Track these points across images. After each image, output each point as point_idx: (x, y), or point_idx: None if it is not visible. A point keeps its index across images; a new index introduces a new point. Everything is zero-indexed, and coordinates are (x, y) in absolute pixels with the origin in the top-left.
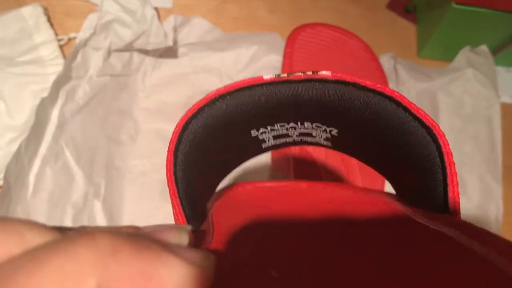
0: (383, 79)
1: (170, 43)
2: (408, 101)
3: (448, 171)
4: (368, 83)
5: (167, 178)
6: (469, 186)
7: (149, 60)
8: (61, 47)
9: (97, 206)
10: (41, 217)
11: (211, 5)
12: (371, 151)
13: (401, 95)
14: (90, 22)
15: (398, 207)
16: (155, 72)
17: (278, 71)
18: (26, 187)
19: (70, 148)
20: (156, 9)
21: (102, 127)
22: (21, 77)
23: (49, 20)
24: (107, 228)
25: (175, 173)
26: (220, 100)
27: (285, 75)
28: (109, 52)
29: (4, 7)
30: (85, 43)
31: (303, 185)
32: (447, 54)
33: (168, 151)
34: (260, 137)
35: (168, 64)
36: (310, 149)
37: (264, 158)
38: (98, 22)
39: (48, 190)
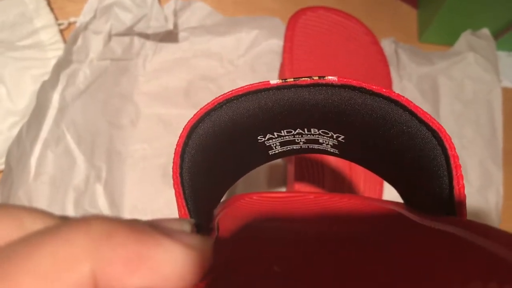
0: (384, 63)
1: (170, 27)
2: (414, 105)
3: (454, 173)
4: (374, 87)
5: (173, 179)
6: (469, 170)
7: (149, 44)
8: (61, 31)
9: (99, 189)
10: (43, 200)
11: None
12: (377, 156)
13: (407, 99)
14: (91, 5)
15: (406, 214)
16: (155, 56)
17: (278, 55)
18: (28, 171)
19: (71, 132)
20: None
21: (103, 111)
22: (21, 62)
23: (49, 4)
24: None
25: (181, 175)
26: (227, 104)
27: (291, 79)
28: (109, 36)
29: None
30: (85, 26)
31: (310, 196)
32: (449, 39)
33: (174, 154)
34: (267, 143)
35: (168, 49)
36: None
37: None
38: (99, 5)
39: (49, 173)
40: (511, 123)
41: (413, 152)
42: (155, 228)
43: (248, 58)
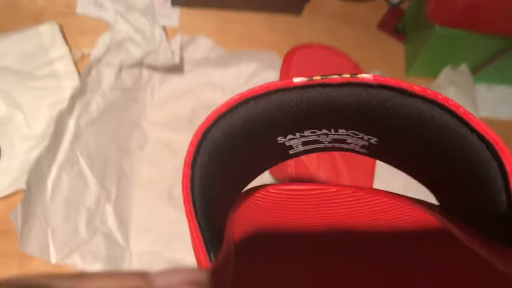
0: None
1: (177, 60)
2: (465, 110)
3: None
4: (416, 88)
5: (183, 196)
6: None
7: (157, 76)
8: (75, 62)
9: (109, 210)
10: (58, 219)
11: (215, 24)
12: (415, 162)
13: (456, 103)
14: (104, 40)
15: (454, 232)
16: (162, 87)
17: None
18: (44, 191)
19: (84, 156)
20: (163, 27)
21: (114, 137)
22: (38, 90)
23: (64, 37)
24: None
25: (192, 191)
26: (244, 105)
27: (318, 77)
28: (120, 68)
29: (24, 24)
30: (99, 59)
31: (332, 189)
32: (433, 72)
33: (184, 164)
34: (287, 144)
35: (174, 80)
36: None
37: None
38: (111, 40)
39: (64, 194)
40: None
41: (461, 163)
42: None
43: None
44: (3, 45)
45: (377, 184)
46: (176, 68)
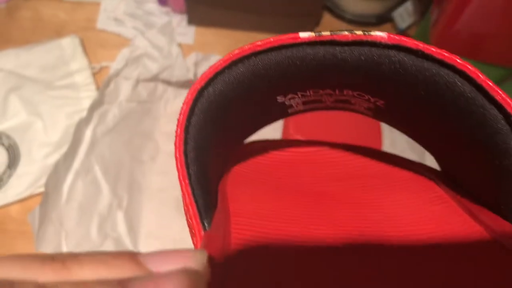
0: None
1: (191, 76)
2: (485, 77)
3: None
4: (433, 50)
5: (176, 158)
6: None
7: (171, 90)
8: (93, 74)
9: (120, 216)
10: (71, 223)
11: (227, 44)
12: (423, 127)
13: (476, 69)
14: (123, 55)
15: (448, 194)
16: (176, 100)
17: None
18: (60, 196)
19: (99, 164)
20: (179, 44)
21: (127, 147)
22: (57, 100)
23: (84, 50)
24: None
25: (185, 153)
26: (244, 61)
27: (328, 33)
28: (137, 82)
29: (46, 37)
30: (117, 73)
31: (328, 148)
32: None
33: (177, 125)
34: (287, 103)
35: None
36: None
37: None
38: (130, 55)
39: (78, 199)
40: None
41: (475, 134)
42: None
43: None
44: (27, 56)
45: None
46: (189, 84)
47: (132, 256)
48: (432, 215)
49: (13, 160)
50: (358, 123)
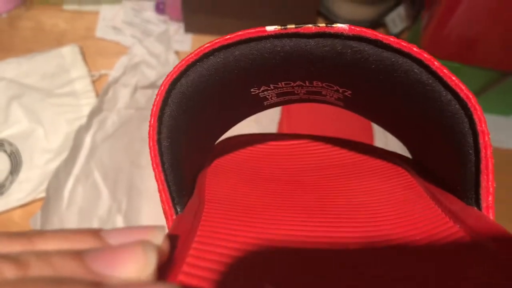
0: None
1: None
2: (439, 64)
3: (482, 154)
4: (392, 40)
5: (150, 147)
6: None
7: None
8: (93, 82)
9: (119, 219)
10: (72, 226)
11: None
12: (389, 115)
13: (431, 57)
14: (122, 62)
15: (416, 180)
16: None
17: (279, 110)
18: (61, 201)
19: (98, 169)
20: (176, 52)
21: (126, 152)
22: (58, 107)
23: (84, 58)
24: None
25: (159, 141)
26: (215, 54)
27: (292, 26)
28: (135, 89)
29: (47, 46)
30: (116, 80)
31: (307, 140)
32: None
33: (151, 115)
34: (262, 95)
35: None
36: None
37: None
38: (128, 63)
39: (79, 204)
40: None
41: (434, 119)
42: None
43: None
44: (28, 65)
45: None
46: None
47: (94, 232)
48: (398, 199)
49: (15, 166)
50: (351, 123)
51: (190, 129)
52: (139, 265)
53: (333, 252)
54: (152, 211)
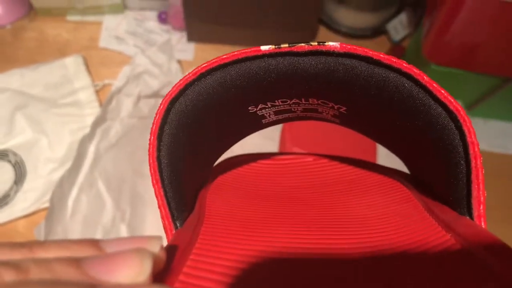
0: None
1: None
2: (429, 79)
3: (473, 165)
4: (382, 56)
5: (149, 164)
6: None
7: None
8: (96, 92)
9: (123, 228)
10: (76, 236)
11: None
12: (383, 131)
13: (421, 72)
14: (125, 72)
15: (413, 194)
16: None
17: None
18: (65, 210)
19: (102, 178)
20: (179, 61)
21: (130, 161)
22: (62, 117)
23: (87, 68)
24: (57, 244)
25: (158, 159)
26: (212, 74)
27: (286, 45)
28: (138, 98)
29: (51, 56)
30: (119, 90)
31: (309, 158)
32: None
33: (151, 133)
34: (260, 113)
35: None
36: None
37: None
38: (131, 73)
39: (83, 213)
40: (489, 183)
41: (425, 132)
42: None
43: None
44: (32, 76)
45: None
46: None
47: (94, 242)
48: (395, 212)
49: (20, 176)
50: (354, 138)
51: (190, 147)
52: (134, 271)
53: (331, 264)
54: (156, 220)
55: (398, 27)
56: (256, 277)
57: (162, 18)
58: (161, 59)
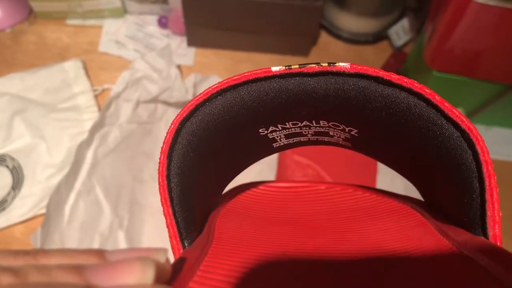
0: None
1: (190, 97)
2: (440, 98)
3: (487, 184)
4: (393, 76)
5: (159, 183)
6: None
7: (171, 110)
8: (96, 96)
9: (121, 235)
10: (73, 243)
11: (227, 64)
12: (395, 153)
13: (432, 92)
14: (123, 77)
15: (428, 220)
16: None
17: None
18: (62, 216)
19: (100, 184)
20: (179, 66)
21: (128, 167)
22: (61, 122)
23: (86, 73)
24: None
25: (168, 178)
26: (223, 95)
27: (296, 66)
28: (137, 103)
29: (50, 60)
30: (118, 95)
31: (322, 186)
32: None
33: (161, 152)
34: (270, 136)
35: None
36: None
37: None
38: (130, 78)
39: (80, 220)
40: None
41: (437, 153)
42: None
43: None
44: (31, 80)
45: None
46: None
47: (98, 252)
48: (410, 237)
49: (17, 181)
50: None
51: (200, 168)
52: (137, 277)
53: (343, 285)
54: (154, 227)
55: (400, 32)
56: None
57: (162, 23)
58: (160, 64)
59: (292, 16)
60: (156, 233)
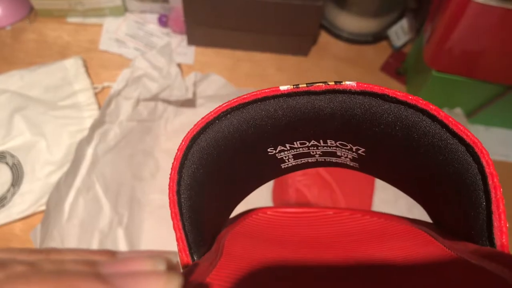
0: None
1: (190, 95)
2: (445, 114)
3: (493, 196)
4: (398, 94)
5: (169, 198)
6: None
7: (171, 108)
8: (96, 94)
9: (120, 233)
10: (73, 240)
11: (227, 63)
12: (402, 172)
13: (437, 108)
14: (124, 75)
15: (436, 239)
16: (176, 119)
17: None
18: (62, 213)
19: (100, 182)
20: (179, 64)
21: (128, 165)
22: (61, 119)
23: (86, 70)
24: (73, 252)
25: (178, 193)
26: (232, 113)
27: (304, 85)
28: (137, 101)
29: (51, 58)
30: (118, 93)
31: (329, 211)
32: None
33: (172, 168)
34: (279, 156)
35: (187, 113)
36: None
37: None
38: (130, 76)
39: (80, 217)
40: None
41: (444, 168)
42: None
43: None
44: (32, 77)
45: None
46: (189, 102)
47: (110, 252)
48: (418, 255)
49: (17, 178)
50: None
51: (210, 185)
52: (148, 268)
53: None
54: (154, 224)
55: (400, 32)
56: None
57: (163, 21)
58: (160, 62)
59: (292, 15)
60: (155, 230)
